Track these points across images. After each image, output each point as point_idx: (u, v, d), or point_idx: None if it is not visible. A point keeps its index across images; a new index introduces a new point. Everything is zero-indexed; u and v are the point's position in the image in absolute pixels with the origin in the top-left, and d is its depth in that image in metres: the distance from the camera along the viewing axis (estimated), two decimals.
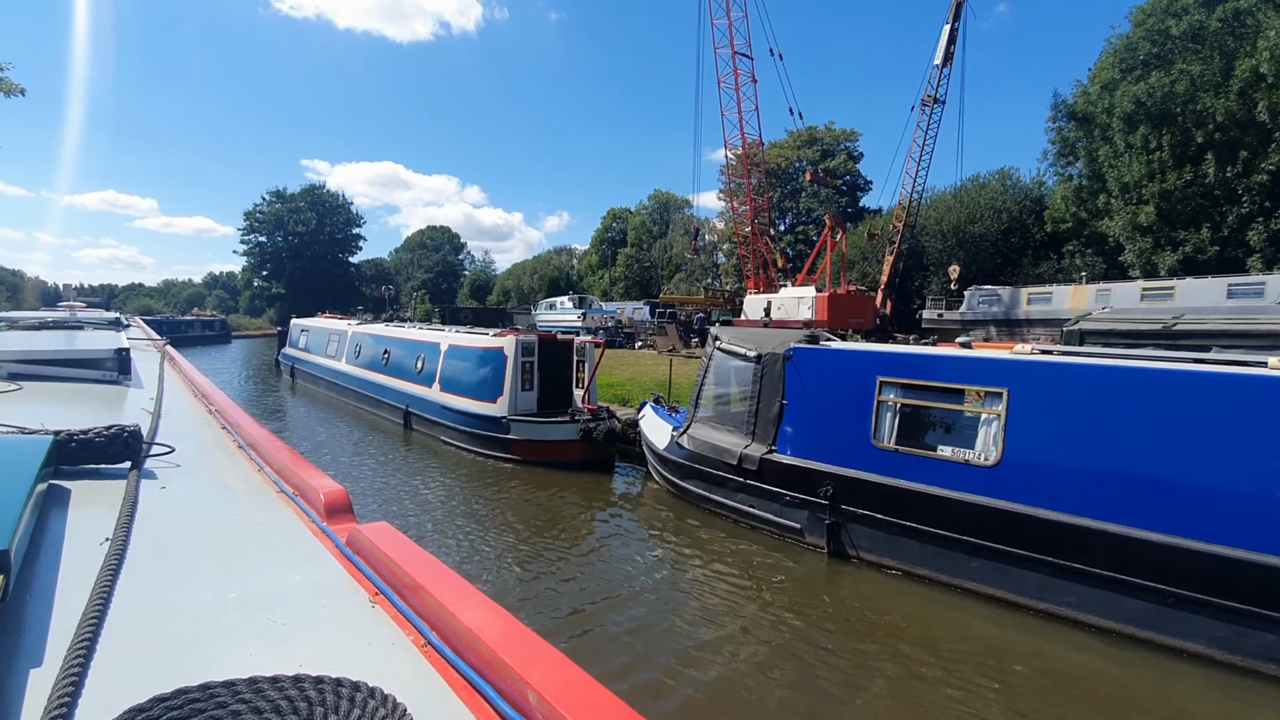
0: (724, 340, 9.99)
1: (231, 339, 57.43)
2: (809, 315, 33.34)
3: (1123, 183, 35.49)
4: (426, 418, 14.33)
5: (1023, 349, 7.26)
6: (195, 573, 1.52)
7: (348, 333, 20.41)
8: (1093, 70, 38.17)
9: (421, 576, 1.37)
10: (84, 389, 3.89)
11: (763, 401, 8.89)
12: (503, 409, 12.09)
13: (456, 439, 13.25)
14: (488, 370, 12.48)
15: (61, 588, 1.36)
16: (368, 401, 17.63)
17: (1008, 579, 6.60)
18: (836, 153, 63.41)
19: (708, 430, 9.74)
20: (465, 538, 9.16)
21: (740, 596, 7.22)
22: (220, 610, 1.34)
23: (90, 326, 8.14)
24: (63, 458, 2.02)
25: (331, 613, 1.36)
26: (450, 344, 14.10)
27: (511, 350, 12.15)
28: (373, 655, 1.20)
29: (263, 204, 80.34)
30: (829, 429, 8.09)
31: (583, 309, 41.52)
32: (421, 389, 14.70)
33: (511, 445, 11.98)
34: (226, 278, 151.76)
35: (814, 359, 8.44)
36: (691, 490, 9.83)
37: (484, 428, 12.38)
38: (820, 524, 7.97)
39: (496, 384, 12.23)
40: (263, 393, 24.11)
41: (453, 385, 13.54)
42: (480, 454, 12.58)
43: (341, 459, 13.28)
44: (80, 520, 1.72)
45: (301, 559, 1.62)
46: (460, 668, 1.15)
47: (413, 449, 13.99)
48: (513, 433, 11.91)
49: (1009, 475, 6.64)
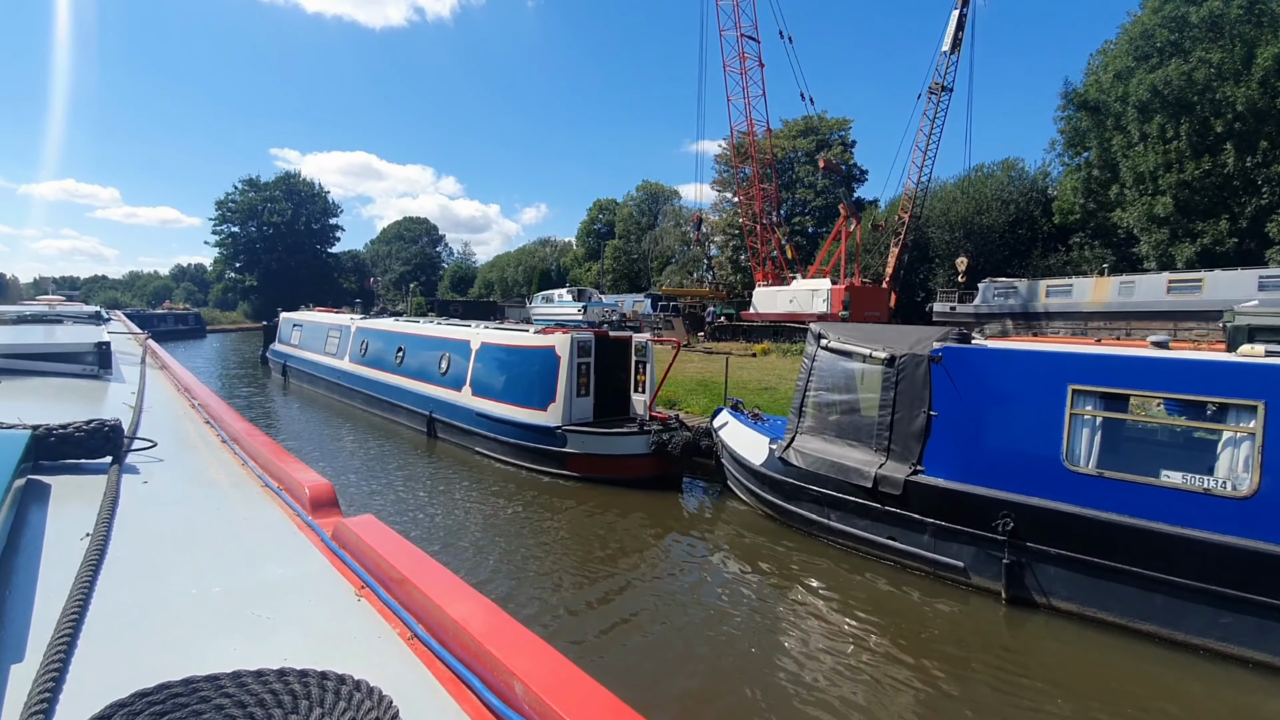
0: (833, 339, 8.55)
1: (206, 333, 54.61)
2: (824, 308, 32.13)
3: (1138, 173, 34.81)
4: (456, 425, 12.67)
5: (1253, 350, 5.89)
6: (178, 567, 1.49)
7: (350, 328, 18.55)
8: (1105, 58, 37.36)
9: (408, 569, 1.34)
10: (64, 383, 3.82)
11: (900, 412, 7.46)
12: (556, 418, 10.49)
13: (495, 450, 11.63)
14: (536, 373, 10.87)
15: (42, 583, 1.33)
16: (380, 405, 15.86)
17: (1275, 639, 5.26)
18: (831, 142, 62.30)
19: (819, 444, 8.29)
20: (511, 565, 7.73)
21: (891, 651, 5.82)
22: (203, 605, 1.32)
23: (70, 320, 7.78)
24: (42, 453, 1.98)
25: (317, 606, 1.34)
26: (484, 342, 12.43)
27: (565, 350, 10.54)
28: (358, 648, 1.18)
29: (235, 193, 76.93)
30: (1000, 447, 6.68)
31: (583, 302, 39.81)
32: (448, 393, 13.02)
33: (569, 460, 10.40)
34: (195, 270, 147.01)
35: (971, 362, 7.02)
36: (799, 514, 8.38)
37: (534, 439, 10.78)
38: (993, 563, 6.58)
39: (548, 389, 10.63)
40: (252, 393, 22.11)
41: (489, 389, 11.89)
42: (527, 469, 10.98)
43: (357, 472, 11.59)
44: (60, 516, 1.69)
45: (286, 553, 1.59)
46: (447, 660, 1.12)
47: (440, 461, 12.33)
48: (570, 445, 10.33)
49: (1270, 509, 5.29)
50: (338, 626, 1.26)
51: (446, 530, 8.97)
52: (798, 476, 8.31)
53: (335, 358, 18.95)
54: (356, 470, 11.97)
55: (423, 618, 1.24)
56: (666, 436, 9.94)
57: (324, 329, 20.48)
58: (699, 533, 9.11)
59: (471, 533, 8.84)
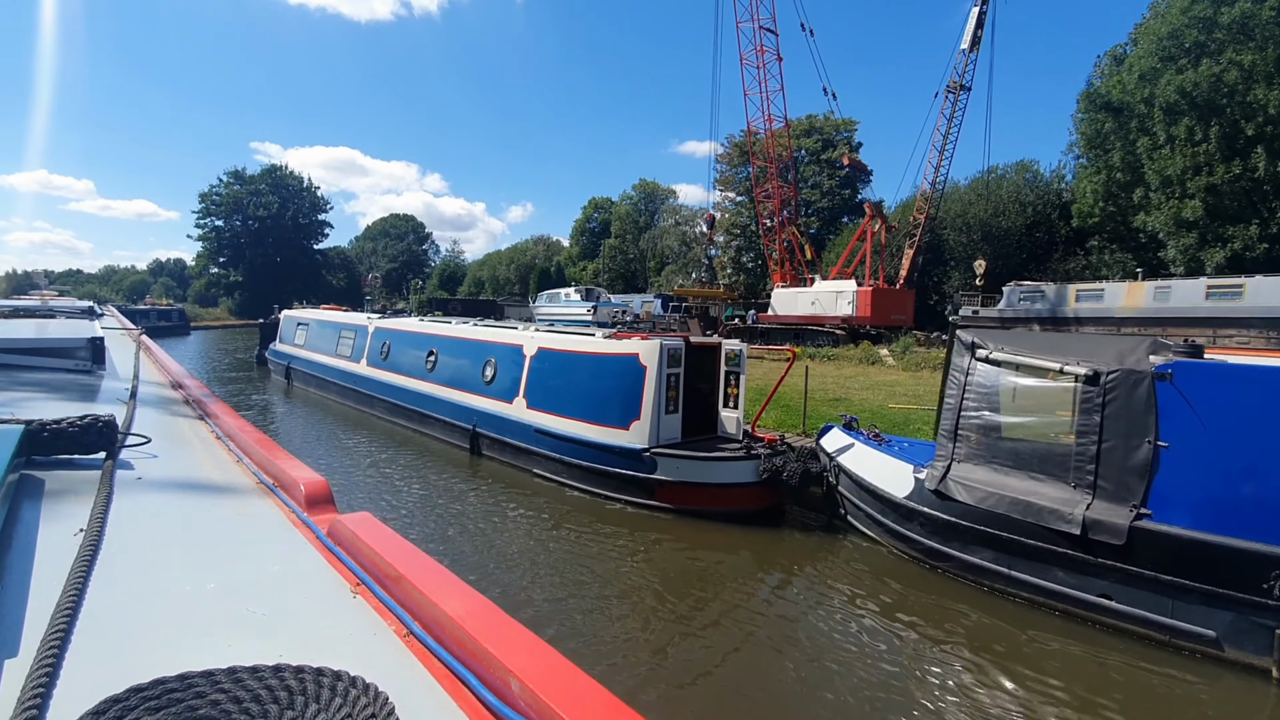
0: (995, 349, 7.20)
1: (190, 330, 52.25)
2: (849, 311, 30.98)
3: (1164, 176, 34.06)
4: (508, 442, 11.14)
5: None
6: (172, 564, 1.49)
7: (368, 328, 16.91)
8: (1128, 59, 36.64)
9: (403, 566, 1.34)
10: (57, 378, 3.76)
11: (1109, 440, 6.11)
12: (641, 438, 9.01)
13: (561, 473, 10.12)
14: (616, 385, 9.38)
15: (35, 579, 1.33)
16: (405, 414, 14.26)
17: None
18: (836, 142, 61.36)
19: (987, 474, 6.93)
20: (587, 615, 6.37)
21: None
22: (198, 601, 1.31)
23: (63, 315, 7.61)
24: (35, 448, 1.95)
25: (312, 603, 1.33)
26: (541, 347, 10.92)
27: (653, 358, 9.06)
28: (354, 645, 1.18)
29: (220, 185, 74.30)
30: (1272, 490, 5.34)
31: (592, 301, 38.24)
32: (496, 404, 11.49)
33: (658, 488, 8.91)
34: (174, 265, 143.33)
35: (1220, 381, 5.68)
36: (962, 559, 7.01)
37: (613, 462, 9.29)
38: (1261, 634, 5.25)
39: (630, 404, 9.15)
40: (252, 396, 20.36)
41: (551, 401, 10.38)
42: (603, 496, 9.49)
43: (392, 492, 10.04)
44: (54, 511, 1.68)
45: (281, 549, 1.58)
46: (443, 657, 1.12)
47: (488, 482, 10.80)
48: (660, 471, 8.86)
49: None
50: (333, 623, 1.25)
51: (499, 562, 7.58)
52: (962, 514, 6.94)
53: (349, 360, 17.29)
54: (388, 489, 10.41)
55: (419, 615, 1.22)
56: (779, 462, 8.49)
57: (335, 329, 18.78)
58: (822, 577, 7.72)
59: (538, 571, 7.41)
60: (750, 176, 67.07)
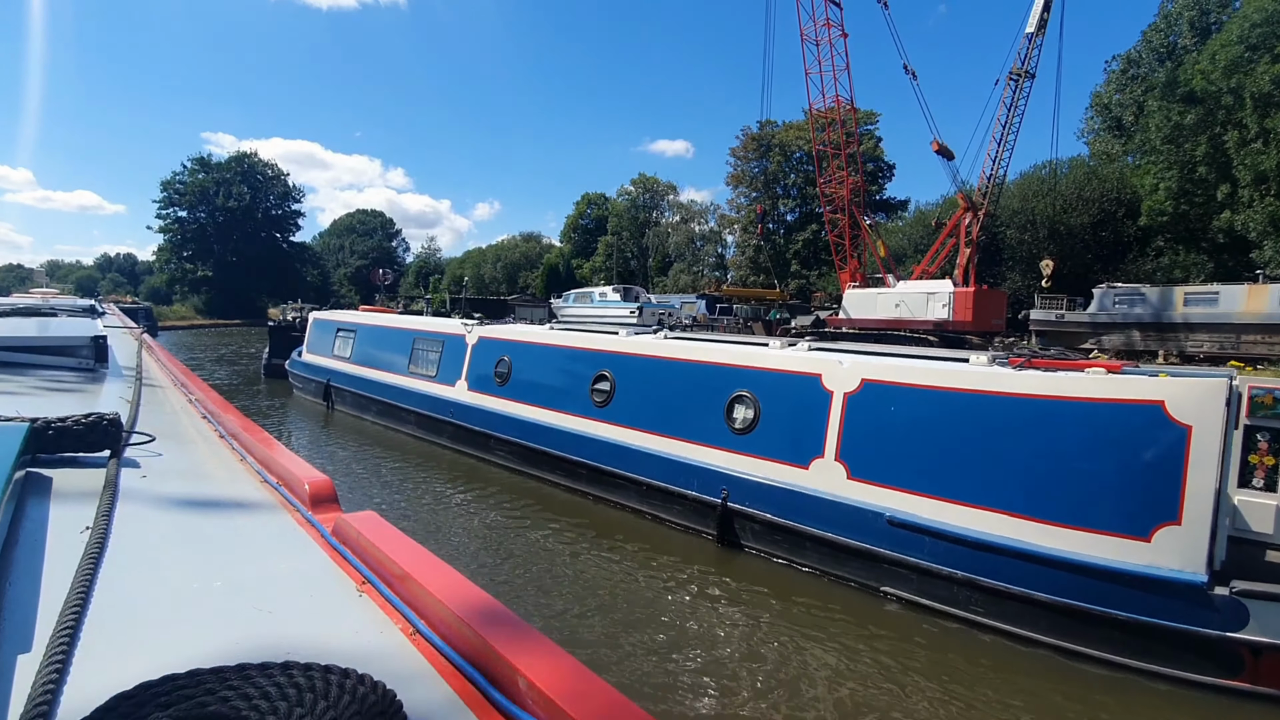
0: None
1: (158, 331, 46.13)
2: (943, 315, 27.50)
3: (1258, 171, 31.56)
4: (812, 534, 6.94)
5: None
6: (179, 561, 1.48)
7: (465, 339, 12.43)
8: (1213, 47, 34.09)
9: (410, 565, 1.31)
10: (61, 377, 3.75)
11: None
12: (1186, 557, 4.98)
13: (982, 609, 5.90)
14: (1110, 459, 5.31)
15: (44, 576, 1.31)
16: (557, 468, 9.91)
17: None
18: (861, 136, 58.27)
19: None
20: None
21: None
22: (205, 598, 1.29)
23: (64, 313, 7.53)
24: (40, 446, 1.92)
25: (318, 602, 1.32)
26: (866, 379, 6.75)
27: (1205, 411, 5.03)
28: (361, 644, 1.16)
29: (184, 173, 67.42)
30: None
31: (633, 301, 33.94)
32: (774, 467, 7.30)
33: (1251, 656, 4.86)
34: (123, 260, 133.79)
35: None
36: None
37: (1120, 601, 5.20)
38: None
39: (1156, 492, 5.10)
40: (281, 424, 15.60)
41: (921, 473, 6.25)
42: (1092, 660, 5.39)
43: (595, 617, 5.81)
44: (60, 509, 1.65)
45: (287, 548, 1.57)
46: (450, 655, 1.11)
47: (777, 614, 6.62)
48: (1254, 625, 4.80)
49: None
50: (340, 622, 1.24)
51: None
52: None
53: (435, 382, 12.80)
54: (613, 614, 6.13)
55: (425, 613, 1.21)
56: None
57: (404, 339, 14.17)
58: None
59: None
60: (765, 171, 64.10)
